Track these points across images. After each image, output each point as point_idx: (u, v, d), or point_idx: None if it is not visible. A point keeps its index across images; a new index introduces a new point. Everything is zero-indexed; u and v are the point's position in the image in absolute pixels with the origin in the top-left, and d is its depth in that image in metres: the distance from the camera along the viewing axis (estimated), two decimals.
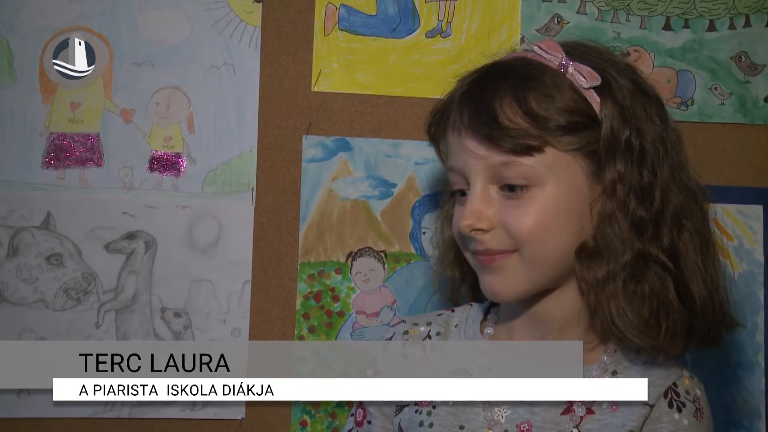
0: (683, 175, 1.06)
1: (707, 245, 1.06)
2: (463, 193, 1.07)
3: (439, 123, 1.11)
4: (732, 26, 1.46)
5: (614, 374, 1.06)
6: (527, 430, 1.05)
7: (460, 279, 1.20)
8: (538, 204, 1.01)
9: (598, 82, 1.03)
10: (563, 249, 1.03)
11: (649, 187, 1.02)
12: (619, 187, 1.01)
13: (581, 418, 1.04)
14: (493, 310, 1.15)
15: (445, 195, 1.22)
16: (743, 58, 1.46)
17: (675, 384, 1.05)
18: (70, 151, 1.34)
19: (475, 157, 1.03)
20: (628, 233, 1.01)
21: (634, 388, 1.04)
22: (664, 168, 1.04)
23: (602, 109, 1.02)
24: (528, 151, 1.00)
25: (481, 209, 1.03)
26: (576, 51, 1.06)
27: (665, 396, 1.04)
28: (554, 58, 1.05)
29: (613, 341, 1.06)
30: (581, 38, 1.14)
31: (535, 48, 1.07)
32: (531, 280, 1.04)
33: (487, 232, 1.03)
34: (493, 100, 1.02)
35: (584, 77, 1.03)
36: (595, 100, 1.03)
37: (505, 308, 1.12)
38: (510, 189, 1.02)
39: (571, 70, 1.03)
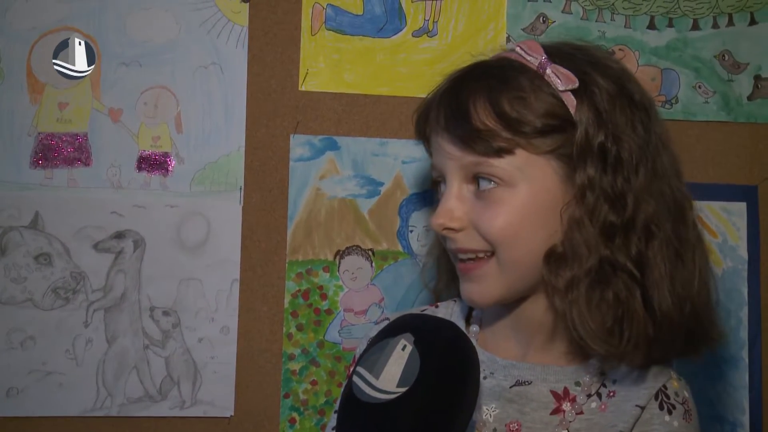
0: (663, 183, 1.04)
1: (682, 254, 1.03)
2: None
3: (425, 120, 1.11)
4: (715, 25, 1.47)
5: (603, 374, 1.06)
6: (516, 429, 1.05)
7: (448, 273, 1.19)
8: (509, 205, 1.01)
9: (574, 85, 1.02)
10: (535, 252, 1.02)
11: (621, 194, 1.01)
12: (588, 193, 1.00)
13: (570, 421, 1.04)
14: None
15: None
16: (726, 57, 1.47)
17: (665, 386, 1.05)
18: (59, 151, 1.35)
19: (450, 158, 1.03)
20: (594, 239, 1.00)
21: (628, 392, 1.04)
22: (639, 175, 1.02)
23: (578, 113, 1.01)
24: (498, 153, 1.00)
25: (453, 209, 1.03)
26: (559, 52, 1.05)
27: (656, 398, 1.04)
28: (534, 59, 1.04)
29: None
30: (572, 39, 1.13)
31: (517, 48, 1.06)
32: (506, 285, 1.03)
33: (458, 232, 1.03)
34: (468, 101, 1.01)
35: (560, 79, 1.02)
36: (571, 102, 1.01)
37: (488, 309, 1.12)
38: (480, 187, 1.02)
39: (548, 71, 1.02)
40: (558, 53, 1.05)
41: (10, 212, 1.33)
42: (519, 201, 1.01)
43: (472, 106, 1.01)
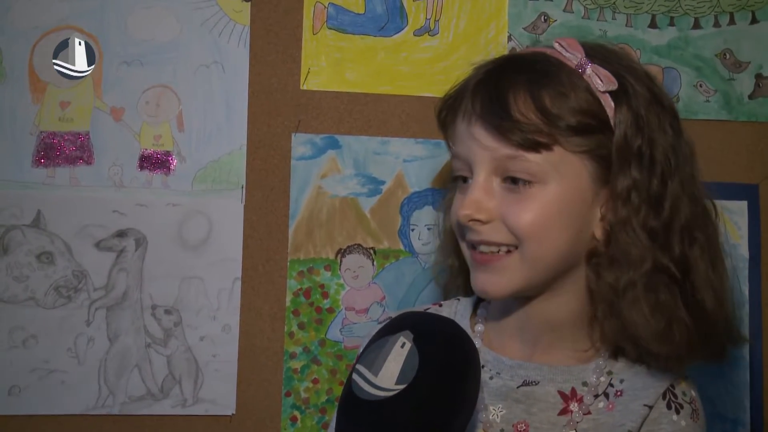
0: (694, 188, 1.05)
1: (717, 258, 1.05)
2: (465, 180, 1.05)
3: (450, 108, 1.08)
4: (717, 24, 1.47)
5: (610, 374, 1.06)
6: (524, 430, 1.05)
7: (458, 269, 1.18)
8: (539, 201, 1.00)
9: (614, 86, 1.01)
10: (561, 250, 1.01)
11: (658, 197, 1.01)
12: (634, 195, 1.00)
13: (578, 421, 1.04)
14: (482, 305, 1.14)
15: (449, 183, 1.18)
16: (728, 56, 1.47)
17: (672, 385, 1.05)
18: (60, 150, 1.35)
19: (482, 147, 1.01)
20: (645, 241, 1.00)
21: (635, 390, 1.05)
22: (674, 179, 1.02)
23: (616, 115, 1.01)
24: (536, 147, 0.99)
25: (481, 200, 1.01)
26: (596, 53, 1.04)
27: (663, 397, 1.04)
28: (573, 57, 1.03)
29: (609, 351, 1.06)
30: (605, 41, 1.12)
31: (556, 45, 1.05)
32: (526, 279, 1.02)
33: (485, 224, 1.02)
34: (507, 92, 1.00)
35: (601, 80, 1.01)
36: (609, 104, 1.01)
37: (496, 305, 1.11)
38: (513, 182, 1.01)
39: (589, 71, 1.02)
40: (595, 53, 1.04)
41: (12, 211, 1.33)
42: (550, 198, 1.00)
43: (512, 97, 1.00)
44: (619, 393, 1.05)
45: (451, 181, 1.14)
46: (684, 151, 1.05)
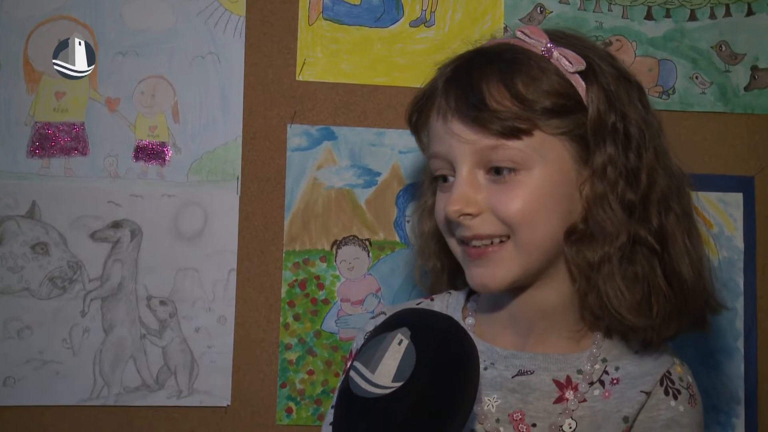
0: (667, 159, 1.07)
1: (693, 227, 1.07)
2: (445, 179, 1.06)
3: (421, 110, 1.10)
4: (713, 16, 1.47)
5: (604, 362, 1.07)
6: (520, 419, 1.05)
7: (440, 269, 1.20)
8: (527, 187, 1.01)
9: (583, 66, 1.03)
10: (553, 233, 1.02)
11: (635, 170, 1.03)
12: (610, 170, 1.02)
13: (573, 409, 1.04)
14: (472, 298, 1.14)
15: (423, 186, 1.20)
16: (724, 48, 1.47)
17: (669, 372, 1.06)
18: (55, 140, 1.34)
19: (462, 141, 1.02)
20: (620, 215, 1.02)
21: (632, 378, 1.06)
22: (648, 151, 1.04)
23: (588, 94, 1.03)
24: (516, 134, 1.00)
25: (468, 194, 1.02)
26: (558, 37, 1.06)
27: (661, 383, 1.05)
28: (538, 43, 1.05)
29: (601, 331, 1.07)
30: (561, 27, 1.14)
31: (519, 34, 1.07)
32: (523, 267, 1.03)
33: (475, 217, 1.02)
34: (480, 84, 1.01)
35: (569, 62, 1.03)
36: (580, 84, 1.03)
37: (486, 297, 1.11)
38: (497, 173, 1.02)
39: (555, 54, 1.03)
40: (558, 38, 1.06)
41: (6, 201, 1.33)
42: (536, 182, 1.01)
43: (486, 87, 1.01)
44: (615, 381, 1.06)
45: (429, 183, 1.14)
46: (654, 123, 1.07)
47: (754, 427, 1.43)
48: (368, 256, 1.40)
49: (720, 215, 1.45)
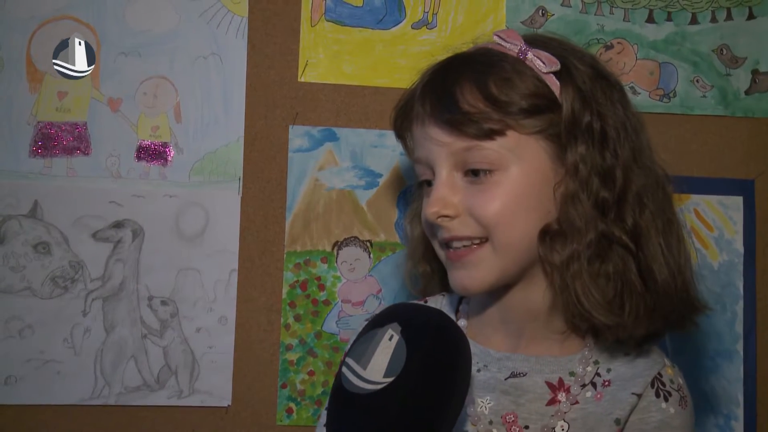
0: (645, 158, 1.07)
1: (669, 226, 1.06)
2: (429, 183, 1.07)
3: (404, 116, 1.12)
4: (714, 19, 1.47)
5: (596, 364, 1.07)
6: (513, 421, 1.05)
7: (431, 273, 1.20)
8: (503, 188, 1.02)
9: (557, 66, 1.04)
10: (530, 234, 1.03)
11: (611, 169, 1.03)
12: (582, 168, 1.02)
13: (565, 411, 1.05)
14: (464, 301, 1.15)
15: (413, 192, 1.22)
16: (725, 51, 1.47)
17: (660, 374, 1.07)
18: (58, 140, 1.35)
19: (439, 145, 1.03)
20: (591, 213, 1.02)
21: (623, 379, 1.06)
22: (625, 150, 1.04)
23: (563, 93, 1.03)
24: (490, 134, 1.01)
25: (446, 196, 1.03)
26: (535, 40, 1.08)
27: (652, 385, 1.05)
28: (513, 46, 1.06)
29: (580, 331, 1.07)
30: (569, 33, 1.17)
31: (495, 38, 1.08)
32: (502, 270, 1.03)
33: (453, 219, 1.03)
34: (454, 87, 1.03)
35: (543, 62, 1.04)
36: (555, 84, 1.03)
37: (476, 300, 1.12)
38: (474, 174, 1.03)
39: (530, 56, 1.04)
40: (535, 40, 1.07)
41: (8, 201, 1.33)
42: (512, 183, 1.02)
43: (459, 90, 1.02)
44: (606, 383, 1.06)
45: (417, 188, 1.16)
46: (633, 123, 1.07)
47: (753, 429, 1.43)
48: (369, 257, 1.41)
49: (720, 218, 1.45)
